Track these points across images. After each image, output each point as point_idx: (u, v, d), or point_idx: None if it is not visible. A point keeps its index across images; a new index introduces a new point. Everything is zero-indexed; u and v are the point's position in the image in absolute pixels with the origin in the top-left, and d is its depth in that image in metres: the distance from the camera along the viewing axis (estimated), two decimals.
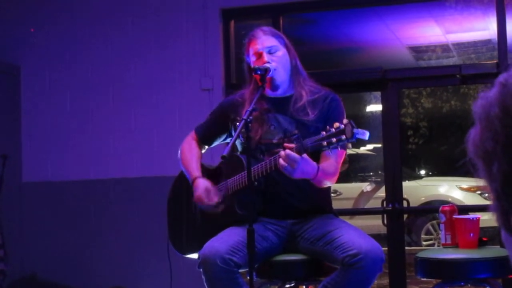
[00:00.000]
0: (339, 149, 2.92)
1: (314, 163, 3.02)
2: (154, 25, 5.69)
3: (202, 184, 3.35)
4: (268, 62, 3.27)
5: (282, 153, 2.93)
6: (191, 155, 3.50)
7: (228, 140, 3.49)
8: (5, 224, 5.33)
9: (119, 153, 5.68)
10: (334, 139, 2.81)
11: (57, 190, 5.79)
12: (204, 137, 3.56)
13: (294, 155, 2.90)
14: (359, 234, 3.09)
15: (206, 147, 3.60)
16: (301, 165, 2.92)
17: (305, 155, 2.92)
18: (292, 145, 2.93)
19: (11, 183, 5.54)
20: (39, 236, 5.79)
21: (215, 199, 3.32)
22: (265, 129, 3.30)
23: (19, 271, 5.70)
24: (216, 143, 3.60)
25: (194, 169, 3.44)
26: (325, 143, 2.84)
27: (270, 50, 3.32)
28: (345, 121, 2.81)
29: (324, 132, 2.85)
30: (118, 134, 5.70)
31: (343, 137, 2.79)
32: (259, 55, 3.33)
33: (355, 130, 2.77)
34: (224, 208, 3.33)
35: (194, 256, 3.41)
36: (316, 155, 3.09)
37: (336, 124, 2.82)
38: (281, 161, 2.93)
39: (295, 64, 3.38)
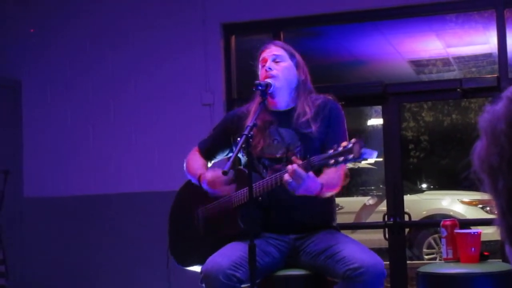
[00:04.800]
0: None
1: (318, 181, 3.01)
2: (155, 40, 5.70)
3: (210, 172, 3.33)
4: (269, 69, 3.29)
5: (290, 167, 2.92)
6: (197, 164, 3.49)
7: (230, 155, 3.48)
8: (6, 239, 5.33)
9: (120, 168, 5.68)
10: (341, 158, 2.81)
11: (58, 206, 5.78)
12: (207, 152, 3.55)
13: (301, 171, 2.89)
14: (361, 249, 3.09)
15: (210, 163, 3.59)
16: (306, 182, 2.91)
17: (310, 173, 2.92)
18: (299, 162, 2.93)
19: (12, 199, 5.54)
20: (40, 252, 5.78)
21: (226, 180, 3.24)
22: (268, 143, 3.30)
23: (20, 286, 5.67)
24: (218, 158, 3.59)
25: (200, 170, 3.42)
26: (332, 161, 2.84)
27: (275, 59, 3.36)
28: (353, 140, 2.81)
29: (331, 151, 2.86)
30: (119, 149, 5.70)
31: (350, 156, 2.79)
32: (264, 61, 3.35)
33: (363, 150, 2.77)
34: (227, 222, 3.31)
35: (195, 268, 3.41)
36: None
37: (344, 143, 2.82)
38: (286, 176, 2.93)
39: (304, 80, 3.38)
